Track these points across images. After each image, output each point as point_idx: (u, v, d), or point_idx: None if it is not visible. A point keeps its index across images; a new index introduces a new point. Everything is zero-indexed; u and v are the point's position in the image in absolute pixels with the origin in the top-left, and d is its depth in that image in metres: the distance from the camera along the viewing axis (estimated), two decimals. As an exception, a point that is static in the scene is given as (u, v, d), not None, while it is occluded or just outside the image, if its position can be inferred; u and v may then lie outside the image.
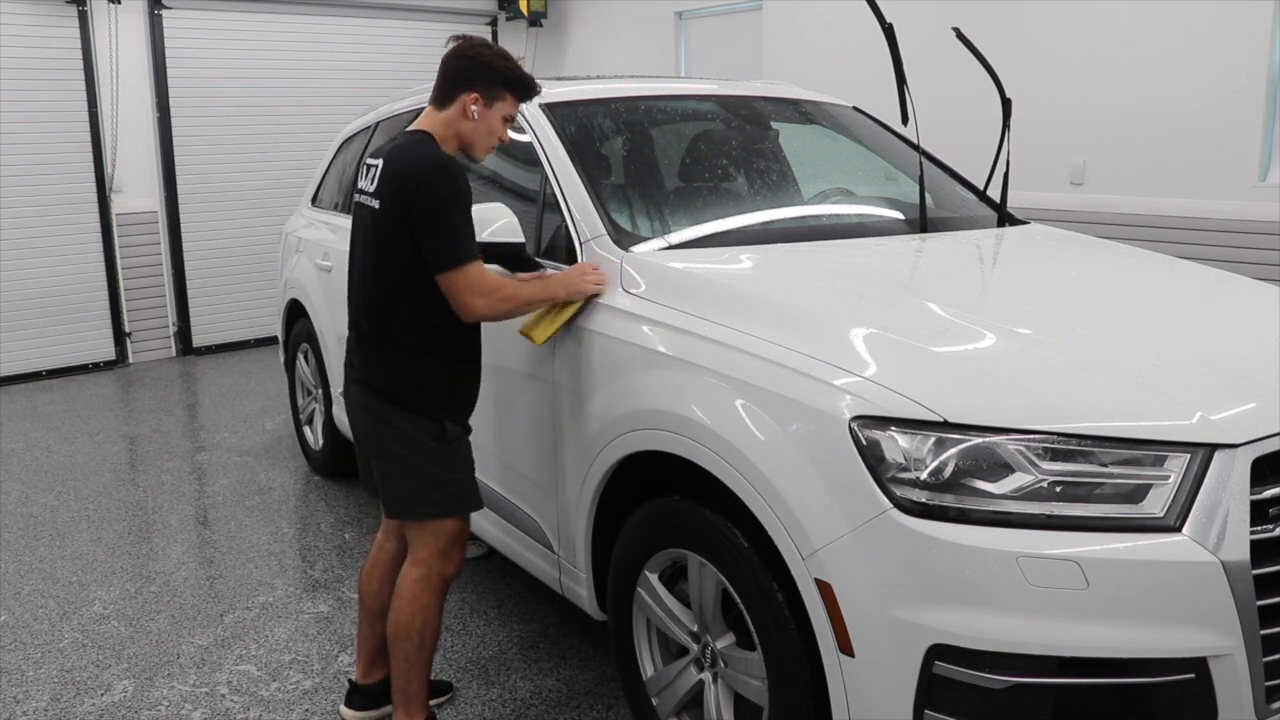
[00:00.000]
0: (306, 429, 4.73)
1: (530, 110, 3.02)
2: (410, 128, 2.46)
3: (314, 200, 4.77)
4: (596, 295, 2.50)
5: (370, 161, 2.46)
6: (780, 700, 2.00)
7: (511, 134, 3.18)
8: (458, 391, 2.47)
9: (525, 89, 2.48)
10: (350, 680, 2.75)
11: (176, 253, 7.02)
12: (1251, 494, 1.71)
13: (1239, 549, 1.67)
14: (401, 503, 2.46)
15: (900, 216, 3.06)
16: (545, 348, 2.59)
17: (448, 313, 2.36)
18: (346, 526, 4.06)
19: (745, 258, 2.58)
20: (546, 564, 2.77)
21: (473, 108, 2.40)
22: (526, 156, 2.98)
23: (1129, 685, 1.69)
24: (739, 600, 2.06)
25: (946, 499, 1.73)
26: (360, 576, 2.70)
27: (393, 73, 7.52)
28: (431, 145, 2.38)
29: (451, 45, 2.47)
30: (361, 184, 2.48)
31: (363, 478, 2.84)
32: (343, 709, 2.72)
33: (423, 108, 3.84)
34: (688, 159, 3.15)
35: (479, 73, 2.41)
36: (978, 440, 1.74)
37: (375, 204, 2.37)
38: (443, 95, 2.44)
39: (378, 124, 4.28)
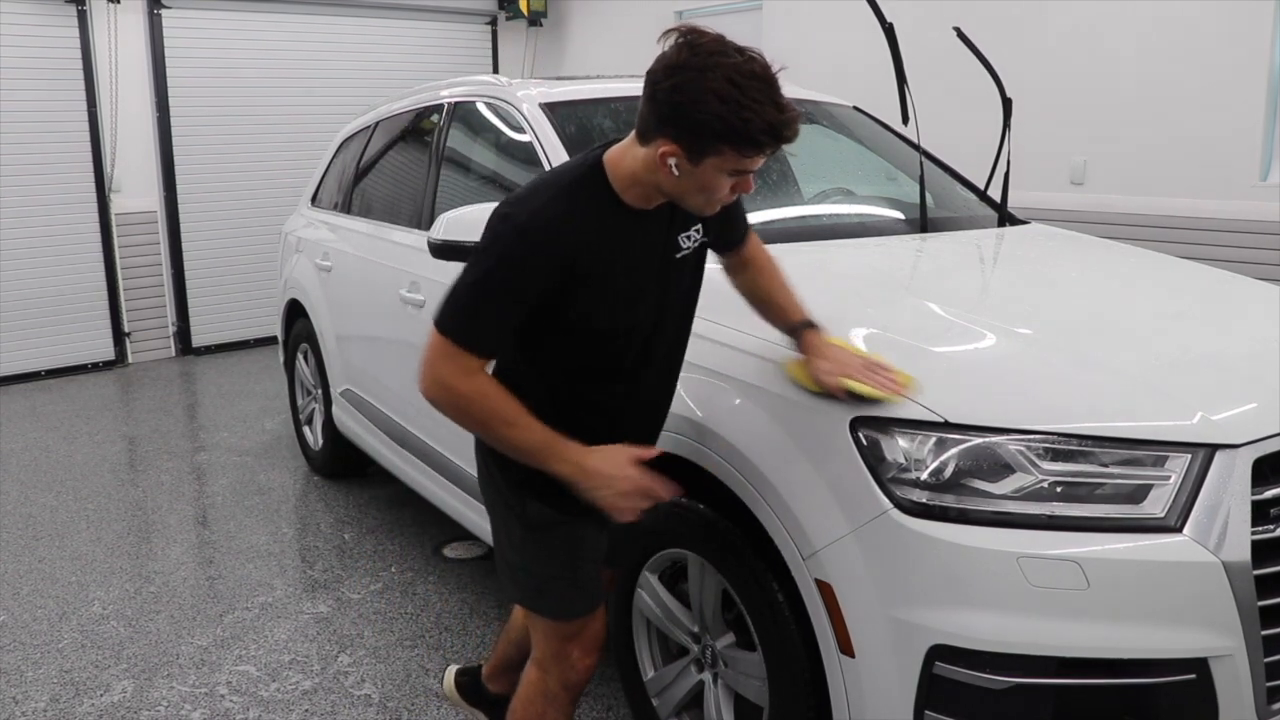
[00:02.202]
0: (306, 429, 4.72)
1: (530, 110, 3.02)
2: (611, 150, 1.73)
3: (313, 200, 4.77)
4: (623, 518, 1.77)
5: None
6: (780, 700, 2.00)
7: (510, 133, 3.21)
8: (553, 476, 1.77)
9: (751, 143, 1.56)
10: (480, 664, 2.52)
11: (176, 253, 7.02)
12: (1252, 494, 1.71)
13: (1240, 549, 1.67)
14: (498, 572, 2.09)
15: (900, 216, 3.05)
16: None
17: (551, 384, 1.80)
18: (346, 526, 4.06)
19: (745, 258, 2.57)
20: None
21: (670, 160, 1.59)
22: (526, 156, 2.97)
23: (1130, 686, 1.69)
24: (739, 600, 2.06)
25: (947, 499, 1.72)
26: None
27: (392, 72, 7.51)
28: (575, 184, 1.70)
29: (662, 45, 1.61)
30: None
31: None
32: (449, 677, 2.48)
33: (422, 108, 3.91)
34: (688, 159, 3.14)
35: (676, 115, 1.56)
36: (978, 440, 1.74)
37: None
38: (641, 127, 1.64)
39: (377, 124, 4.27)
